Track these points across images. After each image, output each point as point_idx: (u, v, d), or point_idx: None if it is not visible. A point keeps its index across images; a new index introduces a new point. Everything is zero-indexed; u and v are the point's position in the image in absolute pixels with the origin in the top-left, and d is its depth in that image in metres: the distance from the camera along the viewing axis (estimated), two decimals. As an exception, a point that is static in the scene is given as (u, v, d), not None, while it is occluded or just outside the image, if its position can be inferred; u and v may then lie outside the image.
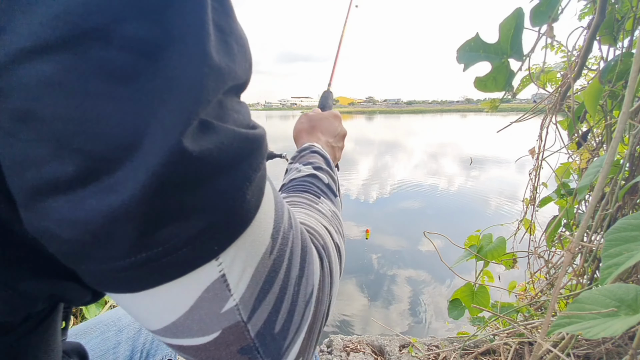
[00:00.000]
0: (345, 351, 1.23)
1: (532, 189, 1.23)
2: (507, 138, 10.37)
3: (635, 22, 0.82)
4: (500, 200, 6.16)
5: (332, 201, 0.41)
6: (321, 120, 0.57)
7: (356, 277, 3.52)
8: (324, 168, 0.44)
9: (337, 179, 0.48)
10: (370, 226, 4.97)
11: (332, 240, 0.32)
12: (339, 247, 0.33)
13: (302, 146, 0.50)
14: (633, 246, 0.51)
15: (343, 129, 0.60)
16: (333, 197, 0.42)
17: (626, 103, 0.58)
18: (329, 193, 0.41)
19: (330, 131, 0.56)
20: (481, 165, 9.76)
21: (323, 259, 0.28)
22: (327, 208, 0.37)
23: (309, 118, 0.58)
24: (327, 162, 0.47)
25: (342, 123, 0.60)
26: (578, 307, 0.56)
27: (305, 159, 0.46)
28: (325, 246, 0.29)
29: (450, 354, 1.14)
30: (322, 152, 0.48)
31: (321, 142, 0.53)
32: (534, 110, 1.10)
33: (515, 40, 0.75)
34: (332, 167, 0.47)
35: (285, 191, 0.40)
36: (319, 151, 0.48)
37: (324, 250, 0.29)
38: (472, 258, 1.19)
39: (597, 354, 0.89)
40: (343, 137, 0.60)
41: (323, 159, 0.47)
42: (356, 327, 2.78)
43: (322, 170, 0.43)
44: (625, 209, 0.90)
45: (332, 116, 0.59)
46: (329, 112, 0.61)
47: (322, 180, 0.42)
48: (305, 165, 0.44)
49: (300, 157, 0.47)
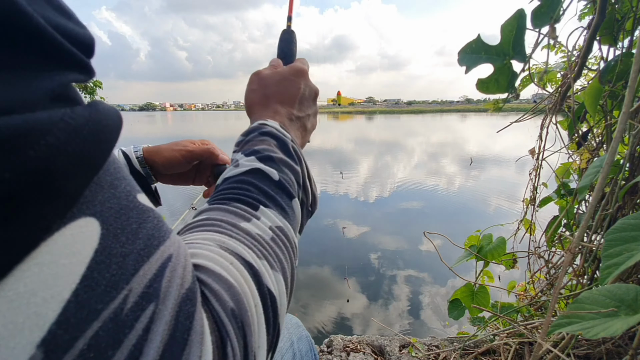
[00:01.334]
0: (345, 351, 1.23)
1: (532, 189, 1.23)
2: (508, 138, 10.35)
3: (635, 22, 0.82)
4: (500, 200, 6.16)
5: (283, 209, 0.30)
6: (279, 82, 0.42)
7: (356, 277, 3.52)
8: (276, 157, 0.33)
9: (304, 168, 0.36)
10: (370, 226, 4.97)
11: (257, 290, 0.23)
12: (271, 297, 0.24)
13: (251, 126, 0.38)
14: (633, 246, 0.51)
15: (312, 88, 0.44)
16: (286, 202, 0.31)
17: (626, 103, 0.58)
18: (279, 196, 0.30)
19: (291, 96, 0.41)
20: (481, 165, 9.76)
21: (226, 340, 0.19)
22: (262, 227, 0.27)
23: (260, 80, 0.42)
24: (283, 147, 0.35)
25: (308, 79, 0.44)
26: (578, 307, 0.56)
27: (250, 146, 0.34)
28: (236, 314, 0.21)
29: (450, 354, 1.14)
30: (277, 133, 0.36)
31: (279, 117, 0.39)
32: (534, 111, 1.10)
33: (518, 42, 0.75)
34: (294, 153, 0.35)
35: (211, 200, 0.30)
36: (271, 132, 0.36)
37: (229, 322, 0.20)
38: (472, 258, 1.19)
39: (597, 354, 0.89)
40: (314, 99, 0.45)
41: (277, 142, 0.35)
42: (356, 327, 2.78)
43: (272, 162, 0.32)
44: (625, 209, 0.90)
45: (293, 73, 0.42)
46: (288, 67, 0.43)
47: (270, 178, 0.31)
48: (247, 155, 0.33)
49: (245, 142, 0.35)
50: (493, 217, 5.15)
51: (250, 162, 0.32)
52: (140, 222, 0.18)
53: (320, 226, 5.05)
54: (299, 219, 0.33)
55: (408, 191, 7.19)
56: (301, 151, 0.38)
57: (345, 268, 3.68)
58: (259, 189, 0.30)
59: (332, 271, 3.70)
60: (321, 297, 3.26)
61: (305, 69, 0.44)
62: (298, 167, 0.35)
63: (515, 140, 7.17)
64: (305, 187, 0.36)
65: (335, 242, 4.46)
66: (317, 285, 3.49)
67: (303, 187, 0.35)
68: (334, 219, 5.34)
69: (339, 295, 3.27)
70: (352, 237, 4.58)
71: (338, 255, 4.04)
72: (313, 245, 4.35)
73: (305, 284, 3.51)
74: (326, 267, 3.78)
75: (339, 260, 3.93)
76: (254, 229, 0.27)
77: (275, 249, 0.27)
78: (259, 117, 0.39)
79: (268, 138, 0.35)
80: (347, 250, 4.18)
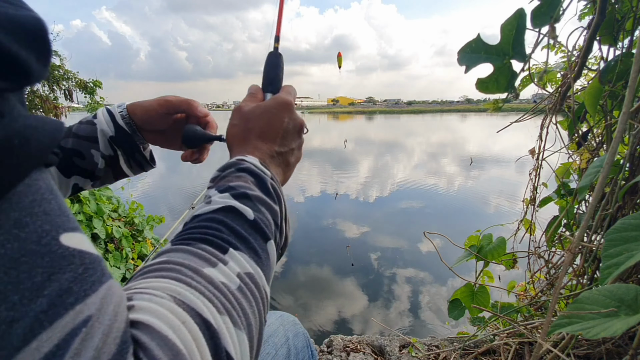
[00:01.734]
0: (345, 351, 1.23)
1: (532, 189, 1.23)
2: (508, 138, 10.38)
3: (635, 22, 0.82)
4: (500, 200, 6.16)
5: (256, 252, 0.27)
6: (260, 116, 0.39)
7: (356, 277, 3.52)
8: (253, 195, 0.30)
9: (283, 207, 0.34)
10: (370, 226, 4.97)
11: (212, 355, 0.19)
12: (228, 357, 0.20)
13: (228, 161, 0.35)
14: (633, 246, 0.51)
15: (297, 121, 0.41)
16: (259, 244, 0.28)
17: (626, 103, 0.58)
18: (253, 238, 0.28)
19: (274, 131, 0.39)
20: (481, 165, 9.77)
21: None
22: (229, 274, 0.24)
23: (241, 115, 0.40)
24: (261, 185, 0.32)
25: (293, 112, 0.41)
26: (578, 307, 0.56)
27: (225, 182, 0.31)
28: None
29: (450, 354, 1.14)
30: (255, 170, 0.33)
31: (259, 152, 0.37)
32: (534, 110, 1.10)
33: (517, 41, 0.75)
34: (273, 192, 0.33)
35: (175, 239, 0.27)
36: (249, 168, 0.33)
37: None
38: (472, 258, 1.19)
39: (597, 354, 0.89)
40: (299, 132, 0.41)
41: (255, 179, 0.32)
42: (356, 327, 2.78)
43: (247, 200, 0.30)
44: (625, 209, 0.90)
45: (277, 106, 0.40)
46: (272, 100, 0.40)
47: (244, 217, 0.28)
48: (222, 192, 0.30)
49: (220, 178, 0.33)
50: (493, 217, 5.16)
51: (224, 199, 0.29)
52: (51, 272, 0.14)
53: (321, 226, 5.05)
54: (273, 265, 0.29)
55: (408, 191, 7.20)
56: (281, 189, 0.35)
57: (348, 249, 3.68)
58: (230, 229, 0.27)
59: (332, 271, 3.70)
60: (321, 297, 3.26)
61: (290, 100, 0.41)
62: (277, 207, 0.32)
63: (515, 140, 7.19)
64: (281, 228, 0.33)
65: (336, 242, 4.46)
66: (317, 285, 3.49)
67: (279, 229, 0.32)
68: (334, 219, 5.34)
69: (339, 295, 3.27)
70: (352, 237, 4.57)
71: (338, 256, 4.05)
72: (313, 245, 4.35)
73: (305, 284, 3.51)
74: (326, 267, 3.78)
75: (339, 260, 3.93)
76: (219, 277, 0.23)
77: (241, 301, 0.23)
78: (237, 153, 0.37)
79: (245, 174, 0.32)
80: (347, 252, 4.18)
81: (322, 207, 6.09)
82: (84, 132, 0.48)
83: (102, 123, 0.49)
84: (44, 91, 4.49)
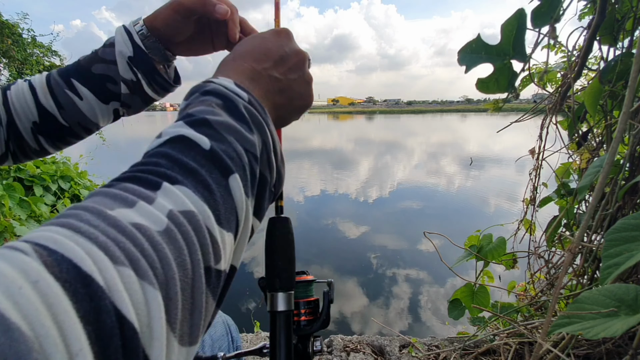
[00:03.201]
0: (345, 351, 1.23)
1: (532, 189, 1.23)
2: (508, 138, 10.34)
3: (635, 22, 0.82)
4: (500, 200, 6.16)
5: (207, 187, 0.22)
6: (251, 39, 0.35)
7: (356, 277, 3.52)
8: (214, 120, 0.24)
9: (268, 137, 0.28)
10: (369, 226, 4.97)
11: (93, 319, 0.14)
12: (127, 327, 0.15)
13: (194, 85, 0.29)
14: (633, 246, 0.51)
15: (298, 50, 0.35)
16: (215, 178, 0.22)
17: (626, 103, 0.58)
18: (206, 170, 0.22)
19: (262, 51, 0.33)
20: (481, 165, 9.77)
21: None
22: (153, 214, 0.19)
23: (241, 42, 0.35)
24: (229, 108, 0.26)
25: (293, 41, 0.36)
26: (578, 307, 0.56)
27: (186, 110, 0.26)
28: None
29: (450, 354, 1.14)
30: (224, 90, 0.27)
31: (235, 74, 0.31)
32: (534, 110, 1.10)
33: (518, 41, 0.75)
34: (248, 116, 0.27)
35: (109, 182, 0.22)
36: (216, 89, 0.27)
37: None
38: (472, 258, 1.19)
39: (597, 354, 0.89)
40: (300, 65, 0.35)
41: (223, 101, 0.26)
42: (356, 327, 2.78)
43: (205, 127, 0.24)
44: (625, 209, 0.90)
45: (273, 32, 0.36)
46: (270, 30, 0.37)
47: (197, 146, 0.23)
48: (177, 121, 0.25)
49: (184, 107, 0.27)
50: (493, 217, 5.15)
51: (175, 129, 0.24)
52: None
53: (321, 226, 5.05)
54: (236, 205, 0.23)
55: (408, 191, 7.20)
56: (267, 117, 0.29)
57: (344, 269, 3.68)
58: (173, 161, 0.22)
59: (332, 271, 3.70)
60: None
61: (290, 30, 0.36)
62: (253, 136, 0.26)
63: (515, 140, 7.18)
64: (270, 162, 0.28)
65: (335, 242, 4.46)
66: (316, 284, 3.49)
67: (268, 162, 0.27)
68: (333, 219, 5.34)
69: (339, 295, 3.27)
70: (352, 237, 4.58)
71: (338, 256, 4.05)
72: (313, 245, 4.35)
73: (305, 284, 3.50)
74: (326, 267, 3.78)
75: (340, 260, 3.93)
76: (133, 218, 0.18)
77: (162, 247, 0.18)
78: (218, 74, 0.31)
79: (210, 97, 0.27)
80: (347, 251, 4.18)
81: (323, 207, 6.09)
82: (109, 55, 0.45)
83: (120, 43, 0.45)
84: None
